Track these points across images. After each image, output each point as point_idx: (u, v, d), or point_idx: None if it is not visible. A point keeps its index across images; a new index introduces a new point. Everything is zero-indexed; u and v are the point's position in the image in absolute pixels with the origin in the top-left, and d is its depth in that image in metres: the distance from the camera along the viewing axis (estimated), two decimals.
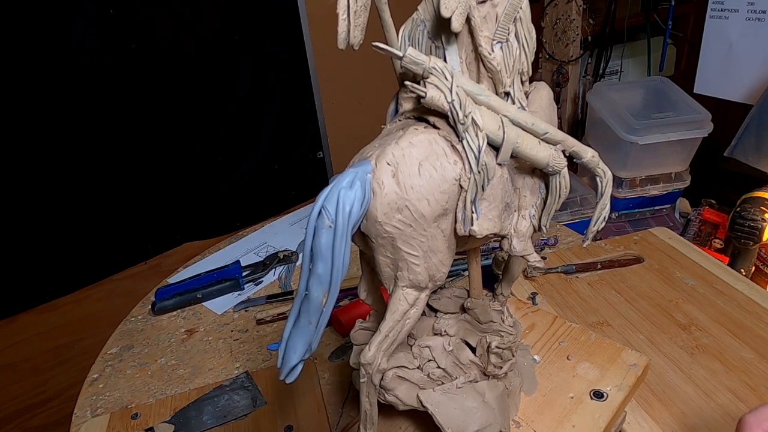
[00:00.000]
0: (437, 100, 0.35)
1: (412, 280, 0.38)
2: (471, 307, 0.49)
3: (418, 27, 0.38)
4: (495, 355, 0.46)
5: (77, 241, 1.10)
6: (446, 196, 0.36)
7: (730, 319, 0.71)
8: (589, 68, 1.54)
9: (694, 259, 0.83)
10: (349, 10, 0.33)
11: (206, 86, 1.14)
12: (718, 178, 1.32)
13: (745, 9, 1.12)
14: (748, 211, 0.91)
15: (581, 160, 0.42)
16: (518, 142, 0.37)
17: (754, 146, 1.03)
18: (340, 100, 1.34)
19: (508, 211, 0.41)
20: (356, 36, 0.35)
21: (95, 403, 0.73)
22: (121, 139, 1.09)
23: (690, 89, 1.26)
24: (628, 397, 0.52)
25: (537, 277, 0.83)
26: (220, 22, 1.14)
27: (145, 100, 1.09)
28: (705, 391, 0.60)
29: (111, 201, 1.11)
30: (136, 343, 0.85)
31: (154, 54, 1.08)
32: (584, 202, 1.16)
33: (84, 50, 1.00)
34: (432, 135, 0.36)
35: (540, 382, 0.53)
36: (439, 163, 0.36)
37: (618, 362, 0.55)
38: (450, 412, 0.44)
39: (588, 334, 0.59)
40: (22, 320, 1.08)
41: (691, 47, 1.57)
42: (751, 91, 1.15)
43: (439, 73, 0.34)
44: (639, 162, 1.18)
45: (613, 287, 0.79)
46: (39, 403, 1.16)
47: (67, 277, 1.11)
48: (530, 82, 0.42)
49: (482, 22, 0.37)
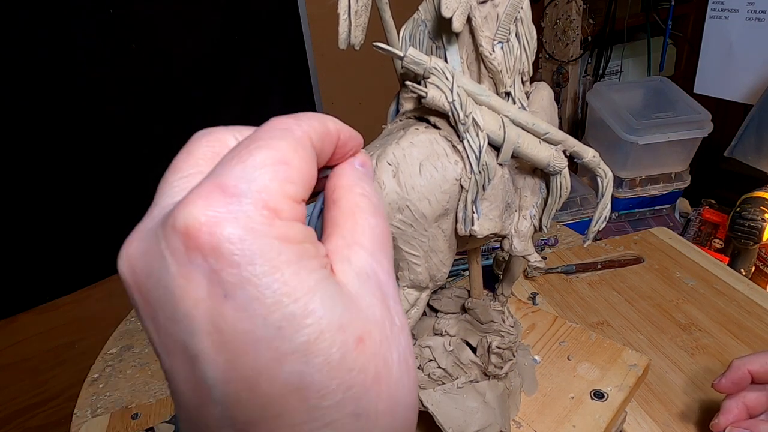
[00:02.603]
0: (438, 100, 0.35)
1: (413, 280, 0.38)
2: (471, 307, 0.49)
3: (419, 27, 0.38)
4: (495, 356, 0.46)
5: (77, 241, 1.10)
6: (447, 196, 0.36)
7: (730, 319, 0.71)
8: (589, 68, 1.54)
9: (694, 259, 0.83)
10: (350, 10, 0.33)
11: (206, 86, 1.14)
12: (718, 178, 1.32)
13: (745, 9, 1.12)
14: (748, 211, 0.91)
15: (582, 160, 0.42)
16: (519, 142, 0.37)
17: (754, 146, 1.03)
18: (340, 100, 1.34)
19: (508, 211, 0.41)
20: (357, 36, 0.35)
21: (95, 403, 0.73)
22: (121, 139, 1.09)
23: (690, 89, 1.26)
24: (628, 397, 0.52)
25: (537, 277, 0.83)
26: (220, 22, 1.14)
27: (145, 100, 1.09)
28: (705, 391, 0.60)
29: (111, 201, 1.11)
30: (136, 343, 0.85)
31: (154, 54, 1.08)
32: (584, 202, 1.16)
33: (84, 50, 1.00)
34: (433, 135, 0.36)
35: (540, 383, 0.53)
36: (440, 163, 0.36)
37: (618, 362, 0.55)
38: (450, 412, 0.44)
39: (588, 334, 0.59)
40: (22, 320, 1.08)
41: (691, 47, 1.57)
42: (751, 91, 1.15)
43: (439, 74, 0.34)
44: (639, 162, 1.18)
45: (613, 287, 0.79)
46: (39, 403, 1.16)
47: (67, 277, 1.11)
48: (531, 82, 0.42)
49: (483, 22, 0.37)
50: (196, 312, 0.16)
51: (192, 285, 0.16)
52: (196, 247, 0.16)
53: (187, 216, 0.16)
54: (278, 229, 0.17)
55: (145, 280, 0.17)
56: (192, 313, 0.16)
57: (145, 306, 0.18)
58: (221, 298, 0.16)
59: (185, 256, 0.16)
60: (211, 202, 0.16)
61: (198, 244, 0.16)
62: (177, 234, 0.16)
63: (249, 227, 0.16)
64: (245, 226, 0.16)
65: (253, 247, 0.16)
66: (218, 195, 0.16)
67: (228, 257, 0.16)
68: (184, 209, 0.16)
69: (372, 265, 0.19)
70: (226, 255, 0.16)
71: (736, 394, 0.47)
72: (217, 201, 0.16)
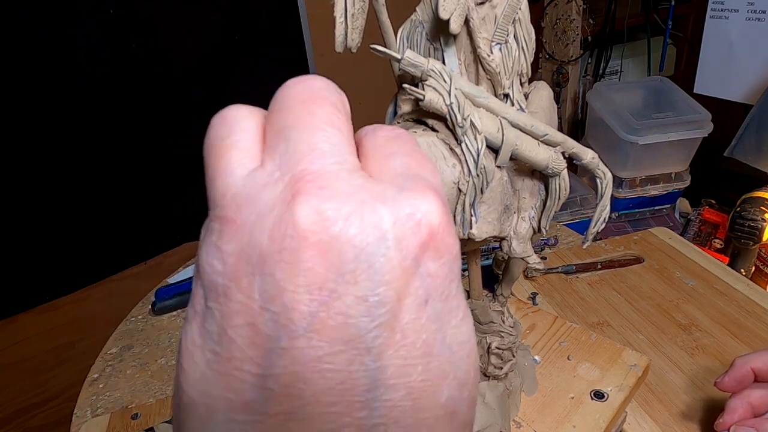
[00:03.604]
0: (435, 102, 0.35)
1: None
2: (471, 308, 0.49)
3: (417, 28, 0.38)
4: (495, 356, 0.46)
5: (77, 241, 1.10)
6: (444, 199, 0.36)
7: (730, 319, 0.71)
8: (589, 68, 1.54)
9: (694, 259, 0.83)
10: (346, 12, 0.33)
11: (206, 86, 1.14)
12: (718, 178, 1.32)
13: (745, 9, 1.12)
14: (748, 211, 0.91)
15: (581, 161, 0.42)
16: (517, 144, 0.37)
17: (754, 146, 1.03)
18: None
19: (507, 213, 0.41)
20: (354, 39, 0.34)
21: (95, 403, 0.74)
22: (121, 139, 1.09)
23: (690, 89, 1.25)
24: (628, 397, 0.52)
25: (537, 277, 0.83)
26: (220, 22, 1.14)
27: (145, 100, 1.09)
28: (705, 391, 0.60)
29: (111, 201, 1.11)
30: (136, 343, 0.85)
31: (154, 54, 1.08)
32: (584, 202, 1.15)
33: (84, 50, 1.00)
34: (430, 138, 0.36)
35: (540, 383, 0.53)
36: (437, 166, 0.36)
37: (619, 362, 0.55)
38: None
39: (588, 334, 0.59)
40: (22, 320, 1.09)
41: (691, 47, 1.57)
42: (751, 91, 1.15)
43: (437, 76, 0.34)
44: (639, 162, 1.18)
45: (613, 287, 0.79)
46: (39, 403, 1.16)
47: (67, 277, 1.11)
48: (530, 82, 0.42)
49: (481, 24, 0.37)
50: (398, 310, 0.15)
51: (401, 283, 0.15)
52: (428, 249, 0.15)
53: (429, 214, 0.15)
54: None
55: (343, 246, 0.15)
56: (394, 307, 0.15)
57: (327, 273, 0.14)
58: (422, 304, 0.15)
59: (413, 255, 0.15)
60: (437, 208, 0.16)
61: (433, 247, 0.15)
62: (416, 230, 0.15)
63: (451, 244, 0.16)
64: (453, 239, 0.16)
65: (456, 266, 0.16)
66: (437, 200, 0.16)
67: (444, 271, 0.16)
68: (422, 204, 0.15)
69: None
70: (442, 267, 0.16)
71: (740, 393, 0.47)
72: (440, 207, 0.16)
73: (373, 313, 0.15)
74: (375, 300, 0.15)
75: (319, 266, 0.14)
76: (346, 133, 0.17)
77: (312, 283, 0.14)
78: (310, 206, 0.14)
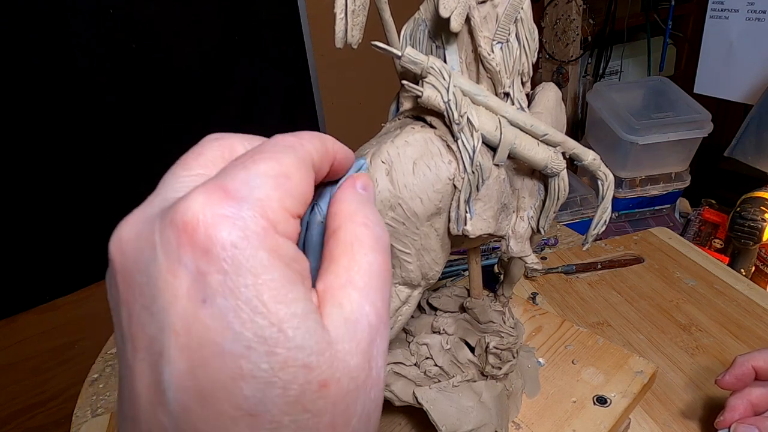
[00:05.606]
0: (434, 99, 0.35)
1: (405, 277, 0.38)
2: (470, 307, 0.49)
3: (419, 26, 0.38)
4: (493, 356, 0.46)
5: (77, 241, 1.10)
6: (440, 195, 0.36)
7: (730, 319, 0.71)
8: (589, 68, 1.54)
9: (694, 259, 0.83)
10: (347, 9, 0.33)
11: (206, 86, 1.14)
12: (718, 178, 1.32)
13: (745, 9, 1.12)
14: (748, 211, 0.91)
15: (582, 162, 0.42)
16: (516, 143, 0.37)
17: (754, 146, 1.03)
18: (340, 100, 1.34)
19: (505, 212, 0.41)
20: (354, 35, 0.35)
21: (95, 403, 0.73)
22: (121, 139, 1.09)
23: (690, 89, 1.25)
24: (632, 404, 0.51)
25: (537, 277, 0.83)
26: (220, 22, 1.14)
27: (145, 100, 1.09)
28: (705, 391, 0.60)
29: (111, 201, 1.11)
30: None
31: (154, 54, 1.08)
32: (584, 203, 1.15)
33: (84, 50, 1.00)
34: (428, 134, 0.36)
35: (543, 385, 0.53)
36: (433, 162, 0.36)
37: (624, 368, 0.54)
38: (445, 409, 0.44)
39: (595, 338, 0.58)
40: (22, 320, 1.09)
41: (691, 47, 1.57)
42: (751, 91, 1.15)
43: (436, 73, 0.34)
44: (639, 162, 1.18)
45: (613, 287, 0.79)
46: (39, 403, 1.16)
47: (67, 277, 1.11)
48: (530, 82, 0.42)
49: (482, 23, 0.37)
50: (173, 309, 0.16)
51: (176, 281, 0.16)
52: (189, 245, 0.16)
53: (186, 212, 0.16)
54: (271, 241, 0.16)
55: (132, 264, 0.17)
56: (168, 308, 0.16)
57: (125, 290, 0.17)
58: (200, 302, 0.16)
59: (177, 251, 0.16)
60: (212, 202, 0.16)
61: (191, 242, 0.16)
62: (174, 228, 0.16)
63: (244, 234, 0.16)
64: (241, 232, 0.16)
65: (244, 257, 0.16)
66: (220, 196, 0.16)
67: (217, 262, 0.16)
68: (184, 205, 0.16)
69: (363, 308, 0.18)
70: (215, 259, 0.16)
71: (740, 391, 0.47)
72: (218, 202, 0.16)
73: (159, 323, 0.16)
74: (158, 308, 0.16)
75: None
76: None
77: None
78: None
